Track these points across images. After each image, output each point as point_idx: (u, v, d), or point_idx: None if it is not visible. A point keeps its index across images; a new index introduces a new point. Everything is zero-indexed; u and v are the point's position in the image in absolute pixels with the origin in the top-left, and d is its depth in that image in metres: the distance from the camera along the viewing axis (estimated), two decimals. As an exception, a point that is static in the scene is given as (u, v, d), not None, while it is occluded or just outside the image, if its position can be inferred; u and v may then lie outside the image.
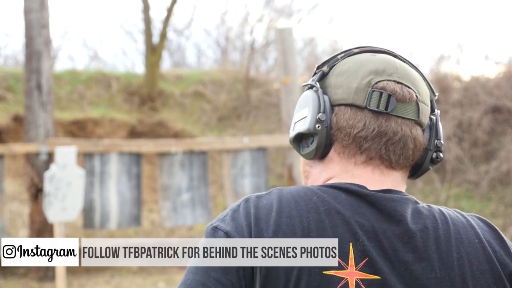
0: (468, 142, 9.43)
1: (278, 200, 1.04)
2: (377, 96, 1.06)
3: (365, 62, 1.10)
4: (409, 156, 1.09)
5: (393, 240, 1.01)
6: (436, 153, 1.12)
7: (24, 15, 7.31)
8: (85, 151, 6.77)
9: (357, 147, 1.08)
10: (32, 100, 7.11)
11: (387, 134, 1.06)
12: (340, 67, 1.12)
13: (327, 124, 1.08)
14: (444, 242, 1.03)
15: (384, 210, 1.03)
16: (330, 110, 1.09)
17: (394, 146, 1.07)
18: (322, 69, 1.14)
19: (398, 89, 1.07)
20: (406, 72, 1.10)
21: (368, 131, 1.06)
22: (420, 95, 1.10)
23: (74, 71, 11.01)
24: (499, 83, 9.71)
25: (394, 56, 1.14)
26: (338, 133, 1.09)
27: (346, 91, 1.08)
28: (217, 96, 10.80)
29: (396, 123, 1.07)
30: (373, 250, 1.00)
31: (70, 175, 5.83)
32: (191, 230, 8.33)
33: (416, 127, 1.09)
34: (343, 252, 0.99)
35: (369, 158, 1.07)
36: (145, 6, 11.05)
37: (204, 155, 7.04)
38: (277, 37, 7.28)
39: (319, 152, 1.10)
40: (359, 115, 1.07)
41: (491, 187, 8.93)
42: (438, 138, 1.12)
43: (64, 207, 5.75)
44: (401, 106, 1.07)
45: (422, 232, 1.02)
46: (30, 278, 7.09)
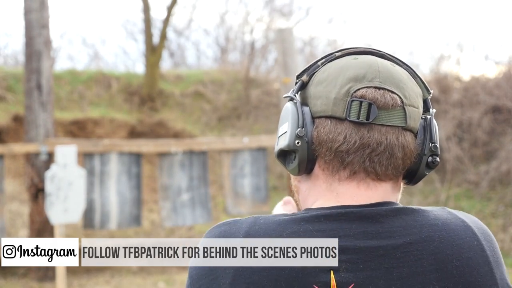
0: (468, 142, 9.43)
1: (255, 231, 1.00)
2: (356, 105, 0.99)
3: (345, 68, 1.03)
4: (398, 165, 1.02)
5: (385, 258, 0.95)
6: (431, 157, 1.05)
7: (24, 15, 7.31)
8: (85, 151, 6.77)
9: (340, 162, 1.01)
10: (32, 100, 7.12)
11: (370, 146, 0.99)
12: (320, 75, 1.05)
13: (307, 139, 1.02)
14: (442, 251, 0.96)
15: (372, 226, 0.97)
16: (311, 123, 1.02)
17: (379, 157, 1.00)
18: (301, 79, 1.07)
19: (379, 96, 1.00)
20: (389, 74, 1.02)
21: (349, 144, 1.00)
22: (407, 98, 1.02)
23: (74, 71, 11.01)
24: (499, 83, 9.71)
25: (379, 56, 1.07)
26: (320, 148, 1.02)
27: (325, 102, 1.02)
28: (217, 96, 10.81)
29: (380, 133, 1.00)
30: (360, 274, 0.94)
31: (71, 175, 5.83)
32: (191, 230, 8.33)
33: (404, 133, 1.01)
34: (324, 282, 0.93)
35: (353, 173, 1.01)
36: (145, 6, 11.05)
37: (204, 155, 7.04)
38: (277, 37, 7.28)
39: (302, 168, 1.04)
40: (339, 127, 1.00)
41: (491, 187, 8.93)
42: (432, 141, 1.05)
43: (66, 208, 5.75)
44: (384, 113, 1.00)
45: (418, 243, 0.96)
46: (30, 278, 7.09)
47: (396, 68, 1.05)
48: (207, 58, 14.91)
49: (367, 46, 1.10)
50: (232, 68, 12.50)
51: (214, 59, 14.52)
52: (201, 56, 14.92)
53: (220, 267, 0.98)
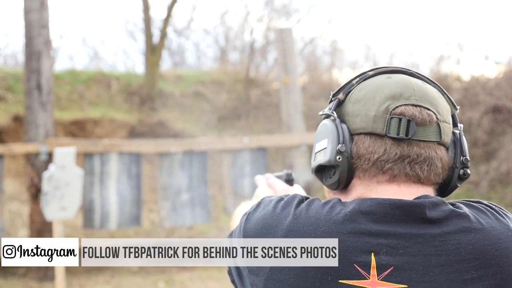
0: (468, 142, 9.35)
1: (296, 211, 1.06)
2: (396, 122, 1.04)
3: (381, 87, 1.08)
4: (439, 173, 1.08)
5: (423, 245, 0.99)
6: (463, 169, 1.11)
7: (24, 15, 7.31)
8: (85, 151, 6.77)
9: (378, 169, 1.06)
10: (32, 100, 7.11)
11: (411, 156, 1.05)
12: (356, 93, 1.10)
13: (347, 154, 1.07)
14: (480, 241, 1.00)
15: (413, 215, 1.01)
16: (349, 140, 1.08)
17: (420, 164, 1.06)
18: (338, 97, 1.12)
19: (417, 113, 1.05)
20: (423, 92, 1.08)
21: (390, 155, 1.05)
22: (440, 114, 1.08)
23: (74, 71, 11.01)
24: (499, 83, 9.71)
25: (410, 75, 1.12)
26: (358, 161, 1.07)
27: (365, 119, 1.07)
28: (217, 96, 10.80)
29: (419, 147, 1.05)
30: (400, 258, 0.98)
31: (69, 175, 5.83)
32: (191, 230, 8.33)
33: (440, 148, 1.08)
34: (364, 262, 0.98)
35: (393, 176, 1.06)
36: (145, 6, 11.05)
37: (204, 155, 7.04)
38: (277, 37, 7.28)
39: (342, 183, 1.09)
40: (379, 142, 1.06)
41: (491, 187, 8.93)
42: (463, 154, 1.10)
43: (62, 206, 5.75)
44: (422, 129, 1.05)
45: (456, 233, 1.01)
46: (30, 278, 7.08)
47: (427, 86, 1.11)
48: (207, 58, 14.91)
49: (397, 66, 1.16)
50: (232, 68, 12.50)
51: (214, 59, 14.51)
52: (201, 56, 14.92)
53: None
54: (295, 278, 1.00)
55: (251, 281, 1.06)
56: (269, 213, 1.07)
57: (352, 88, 1.12)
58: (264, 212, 1.08)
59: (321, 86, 10.91)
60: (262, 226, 1.06)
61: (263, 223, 1.06)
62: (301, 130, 7.22)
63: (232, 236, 1.16)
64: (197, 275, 7.23)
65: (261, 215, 1.08)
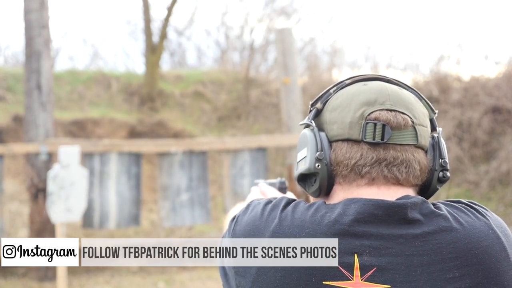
0: (468, 142, 9.43)
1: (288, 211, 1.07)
2: (371, 127, 1.06)
3: (357, 94, 1.10)
4: (417, 175, 1.09)
5: (405, 245, 1.01)
6: (442, 172, 1.12)
7: (24, 15, 7.31)
8: (84, 151, 6.77)
9: (357, 174, 1.08)
10: (32, 100, 7.11)
11: (387, 159, 1.07)
12: (333, 102, 1.12)
13: (326, 161, 1.09)
14: (460, 240, 1.02)
15: (395, 215, 1.03)
16: (328, 147, 1.10)
17: (398, 167, 1.07)
18: (316, 106, 1.14)
19: (391, 117, 1.07)
20: (398, 97, 1.10)
21: (366, 159, 1.07)
22: (416, 118, 1.09)
23: (74, 71, 11.01)
24: (499, 83, 9.71)
25: (386, 81, 1.14)
26: (337, 168, 1.09)
27: (341, 126, 1.09)
28: (217, 96, 10.80)
29: (395, 150, 1.07)
30: (382, 259, 1.00)
31: (74, 175, 5.82)
32: (191, 230, 8.33)
33: (418, 151, 1.09)
34: (348, 263, 0.99)
35: (371, 180, 1.07)
36: (145, 6, 11.05)
37: (203, 155, 7.04)
38: (277, 37, 7.28)
39: (323, 190, 1.11)
40: (356, 147, 1.07)
41: (491, 187, 8.93)
42: (442, 157, 1.12)
43: (68, 208, 5.74)
44: (397, 133, 1.07)
45: (436, 233, 1.02)
46: (30, 278, 7.08)
47: (403, 91, 1.13)
48: (208, 58, 14.92)
49: (374, 73, 1.18)
50: (232, 68, 12.50)
51: (214, 59, 14.52)
52: (201, 56, 14.92)
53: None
54: (280, 280, 1.01)
55: (237, 282, 1.07)
56: (258, 216, 1.09)
57: (330, 97, 1.14)
58: (253, 215, 1.10)
59: (321, 86, 10.91)
60: (251, 229, 1.08)
61: (252, 225, 1.08)
62: (301, 130, 7.21)
63: (223, 238, 1.18)
64: (197, 275, 7.23)
65: (250, 217, 1.10)
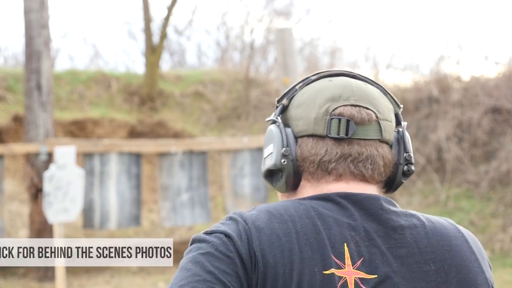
0: (468, 142, 9.43)
1: (265, 210, 1.05)
2: (336, 123, 1.07)
3: (322, 90, 1.11)
4: (381, 171, 1.10)
5: (384, 238, 1.03)
6: (407, 166, 1.13)
7: (24, 15, 7.31)
8: (85, 151, 6.77)
9: (324, 170, 1.09)
10: (32, 100, 7.11)
11: (352, 155, 1.08)
12: (299, 98, 1.13)
13: (292, 157, 1.10)
14: (433, 236, 1.05)
15: (371, 209, 1.05)
16: (294, 143, 1.10)
17: (363, 163, 1.08)
18: (282, 102, 1.15)
19: (355, 112, 1.08)
20: (363, 92, 1.11)
21: (331, 155, 1.08)
22: (381, 113, 1.10)
23: (74, 71, 11.00)
24: (499, 84, 9.71)
25: (352, 77, 1.15)
26: (304, 163, 1.10)
27: (306, 122, 1.10)
28: (217, 96, 10.80)
29: (359, 145, 1.08)
30: (367, 250, 1.01)
31: (70, 175, 5.83)
32: (191, 230, 8.33)
33: (382, 145, 1.10)
34: (339, 252, 1.00)
35: (339, 176, 1.09)
36: (145, 6, 11.05)
37: (204, 155, 7.04)
38: (277, 37, 7.28)
39: (289, 185, 1.12)
40: (321, 143, 1.08)
41: (491, 187, 8.93)
42: (406, 151, 1.12)
43: (64, 208, 5.74)
44: (362, 128, 1.08)
45: (411, 228, 1.05)
46: (30, 278, 7.08)
47: (368, 86, 1.14)
48: (208, 58, 14.92)
49: (340, 69, 1.18)
50: (232, 68, 12.50)
51: (214, 59, 14.52)
52: (201, 56, 14.93)
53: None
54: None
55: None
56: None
57: (296, 93, 1.15)
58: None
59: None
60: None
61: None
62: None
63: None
64: (197, 275, 7.23)
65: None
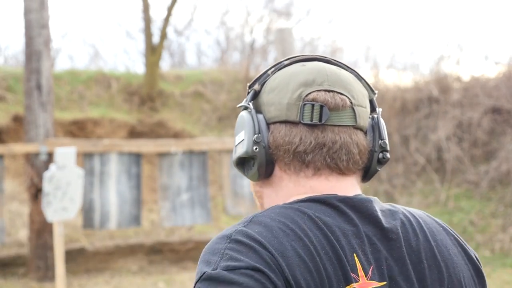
0: (468, 142, 9.43)
1: (270, 225, 0.97)
2: (309, 108, 1.03)
3: (295, 75, 1.08)
4: (357, 160, 1.06)
5: (383, 241, 1.01)
6: (382, 153, 1.10)
7: (24, 15, 7.31)
8: (85, 151, 6.77)
9: (300, 162, 1.05)
10: (32, 100, 7.11)
11: (326, 145, 1.04)
12: (271, 83, 1.10)
13: (264, 144, 1.06)
14: (420, 233, 1.04)
15: (365, 212, 1.02)
16: (266, 129, 1.06)
17: (338, 153, 1.04)
18: (254, 88, 1.11)
19: (329, 98, 1.04)
20: (337, 77, 1.08)
21: (305, 144, 1.04)
22: (355, 99, 1.07)
23: (74, 71, 11.00)
24: (499, 84, 9.71)
25: (325, 62, 1.12)
26: (277, 151, 1.06)
27: (279, 107, 1.06)
28: (217, 96, 10.81)
29: (333, 132, 1.04)
30: (373, 256, 0.98)
31: (70, 175, 5.82)
32: (191, 230, 8.33)
33: (356, 132, 1.06)
34: (352, 265, 0.96)
35: (317, 169, 1.05)
36: (145, 6, 11.05)
37: (204, 155, 7.04)
38: (277, 37, 7.28)
39: (262, 173, 1.08)
40: (294, 130, 1.04)
41: (491, 187, 8.93)
42: (381, 138, 1.09)
43: (63, 207, 5.74)
44: (335, 114, 1.04)
45: (401, 227, 1.03)
46: (30, 278, 7.08)
47: (342, 71, 1.10)
48: (208, 58, 14.92)
49: (313, 54, 1.15)
50: (232, 68, 12.50)
51: (214, 59, 14.53)
52: (201, 56, 14.93)
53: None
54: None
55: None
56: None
57: (268, 78, 1.11)
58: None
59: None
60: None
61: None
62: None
63: None
64: (197, 275, 7.23)
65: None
